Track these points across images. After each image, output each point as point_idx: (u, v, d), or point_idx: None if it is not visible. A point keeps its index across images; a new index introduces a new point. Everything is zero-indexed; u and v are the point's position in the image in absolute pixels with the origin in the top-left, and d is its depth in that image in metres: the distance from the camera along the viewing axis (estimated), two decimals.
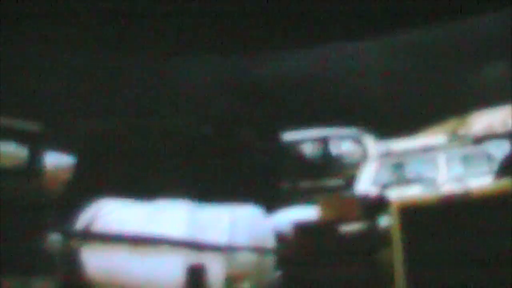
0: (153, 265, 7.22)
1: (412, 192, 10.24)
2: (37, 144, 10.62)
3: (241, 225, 7.29)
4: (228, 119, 11.35)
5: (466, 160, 12.04)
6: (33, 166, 10.49)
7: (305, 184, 13.56)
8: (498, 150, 11.42)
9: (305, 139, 15.34)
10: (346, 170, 14.77)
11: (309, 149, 15.68)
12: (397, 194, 10.02)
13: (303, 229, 7.60)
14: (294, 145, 14.57)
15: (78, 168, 11.39)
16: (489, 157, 11.46)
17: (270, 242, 7.65)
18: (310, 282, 7.23)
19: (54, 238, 10.02)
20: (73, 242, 7.75)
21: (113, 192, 8.42)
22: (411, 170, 12.18)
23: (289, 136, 13.67)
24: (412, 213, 6.42)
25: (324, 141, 15.51)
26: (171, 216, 7.57)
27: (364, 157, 14.82)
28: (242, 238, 7.20)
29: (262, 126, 11.32)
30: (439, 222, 6.28)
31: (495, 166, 10.27)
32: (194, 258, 7.09)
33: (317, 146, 15.64)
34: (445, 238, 6.19)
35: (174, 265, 7.12)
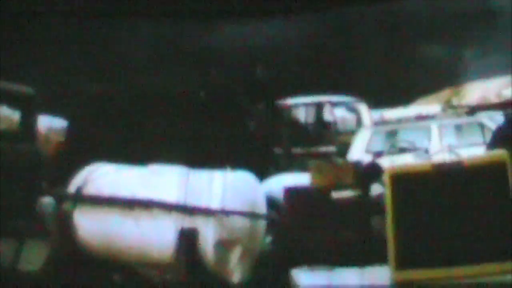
0: (145, 228, 7.24)
1: (405, 160, 10.28)
2: (30, 106, 10.57)
3: (233, 190, 7.30)
4: (223, 85, 11.32)
5: (459, 130, 12.07)
6: (26, 128, 10.44)
7: (298, 150, 13.59)
8: (491, 120, 11.43)
9: (299, 105, 15.36)
10: (340, 137, 14.82)
11: (303, 116, 15.71)
12: (390, 162, 10.06)
13: (295, 195, 7.62)
14: (288, 111, 14.58)
15: (71, 131, 11.37)
16: (482, 128, 11.48)
17: (262, 207, 7.67)
18: (302, 248, 7.26)
19: (47, 201, 10.04)
20: (66, 205, 7.75)
21: (106, 156, 8.41)
22: (404, 138, 12.21)
23: (283, 102, 13.68)
24: (405, 181, 6.45)
25: (318, 107, 15.53)
26: (164, 180, 7.58)
27: (358, 124, 14.87)
28: (234, 203, 7.22)
29: (256, 92, 11.29)
30: (431, 191, 6.31)
31: (488, 137, 10.30)
32: (186, 222, 7.11)
33: (311, 112, 15.65)
34: (437, 206, 6.23)
35: (166, 229, 7.15)
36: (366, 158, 10.48)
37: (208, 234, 7.04)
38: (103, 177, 7.83)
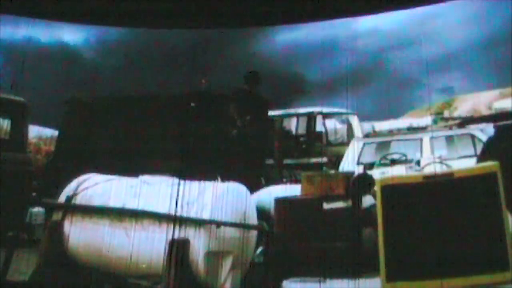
0: (136, 239, 7.20)
1: (396, 172, 10.28)
2: (20, 115, 10.55)
3: (224, 201, 7.27)
4: (214, 95, 11.29)
5: (450, 141, 12.07)
6: (16, 138, 10.42)
7: (290, 161, 13.57)
8: (483, 132, 11.44)
9: (290, 116, 15.35)
10: (331, 148, 14.80)
11: (294, 127, 15.70)
12: (381, 174, 10.06)
13: (286, 206, 7.60)
14: (280, 121, 14.56)
15: (62, 141, 11.32)
16: (473, 139, 11.49)
17: (253, 218, 7.65)
18: (293, 259, 7.24)
19: (36, 211, 9.98)
20: (56, 215, 7.71)
21: (96, 166, 8.38)
22: (395, 150, 12.20)
23: (275, 112, 13.66)
24: (396, 193, 6.45)
25: (310, 118, 15.52)
26: (154, 191, 7.55)
27: (349, 136, 14.86)
28: (225, 213, 7.19)
29: (248, 101, 11.26)
30: (422, 202, 6.32)
31: (479, 148, 10.31)
32: (177, 232, 7.07)
33: (303, 123, 15.64)
34: (428, 217, 6.22)
35: (157, 239, 7.11)
36: (358, 170, 10.47)
37: (199, 245, 7.00)
38: (93, 187, 7.80)
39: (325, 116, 15.81)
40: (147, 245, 7.15)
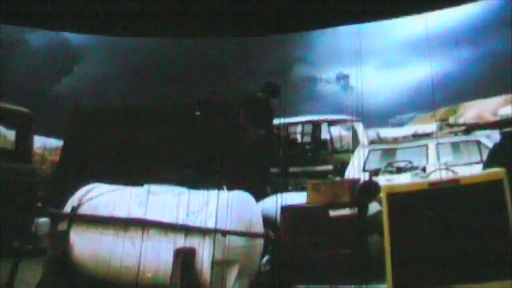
0: (142, 248, 7.18)
1: (402, 179, 10.26)
2: (26, 126, 10.59)
3: (230, 210, 7.25)
4: (219, 104, 11.30)
5: (456, 148, 12.07)
6: (22, 148, 10.46)
7: (296, 169, 13.57)
8: (488, 139, 11.44)
9: (297, 124, 15.38)
10: (337, 156, 14.81)
11: (300, 135, 15.72)
12: (387, 181, 10.04)
13: (292, 214, 7.59)
14: (285, 130, 14.57)
15: (67, 151, 11.33)
16: (479, 146, 11.48)
17: (259, 226, 7.64)
18: (299, 267, 7.22)
19: (42, 221, 10.00)
20: (61, 225, 7.70)
21: (102, 175, 8.38)
22: (401, 157, 12.20)
23: (281, 121, 13.67)
24: (402, 199, 6.43)
25: (315, 126, 15.54)
26: (160, 200, 7.53)
27: (354, 143, 14.87)
28: (231, 222, 7.17)
29: (256, 110, 11.25)
30: (428, 209, 6.29)
31: (485, 155, 10.29)
32: (183, 242, 7.06)
33: (309, 131, 15.66)
34: (434, 224, 6.20)
35: (163, 249, 7.09)
36: (363, 177, 10.46)
37: (205, 254, 6.98)
38: (99, 197, 7.79)
39: (331, 123, 15.85)
40: (153, 255, 7.13)
